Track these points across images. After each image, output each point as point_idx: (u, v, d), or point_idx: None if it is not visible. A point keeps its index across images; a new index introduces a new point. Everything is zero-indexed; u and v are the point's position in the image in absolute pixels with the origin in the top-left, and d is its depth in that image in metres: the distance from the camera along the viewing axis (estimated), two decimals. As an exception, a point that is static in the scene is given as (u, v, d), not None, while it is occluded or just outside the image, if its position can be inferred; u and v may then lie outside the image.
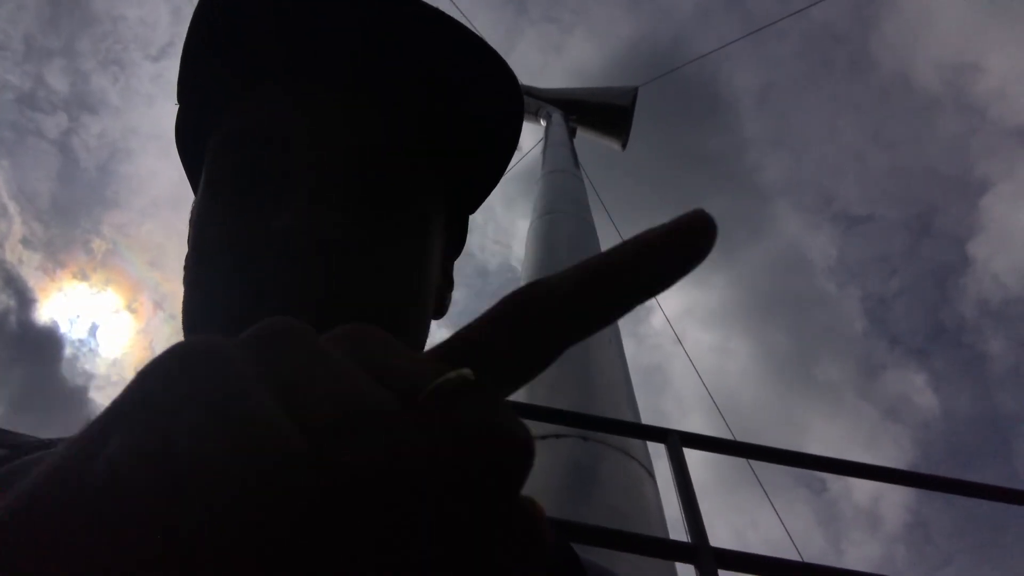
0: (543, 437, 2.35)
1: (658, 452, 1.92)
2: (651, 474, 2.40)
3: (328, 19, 0.50)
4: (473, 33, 0.51)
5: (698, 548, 1.43)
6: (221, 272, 0.46)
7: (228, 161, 0.49)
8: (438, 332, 0.55)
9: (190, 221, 0.55)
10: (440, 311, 0.59)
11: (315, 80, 0.51)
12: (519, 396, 2.77)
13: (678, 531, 1.67)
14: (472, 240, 0.67)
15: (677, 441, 1.79)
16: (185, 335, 0.47)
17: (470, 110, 0.55)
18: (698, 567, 1.39)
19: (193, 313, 0.47)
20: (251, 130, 0.49)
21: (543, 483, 2.19)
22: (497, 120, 0.56)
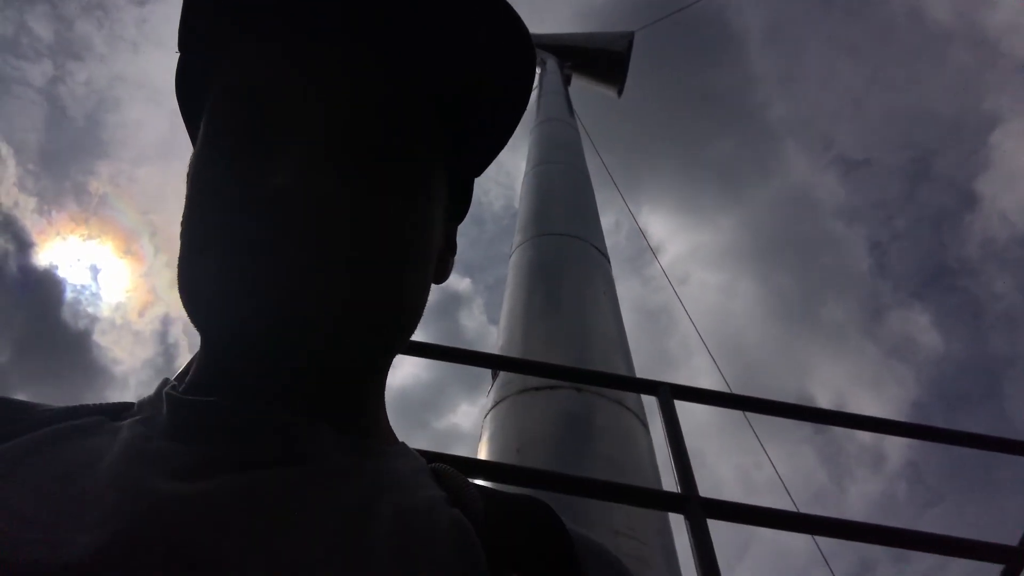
0: (538, 388, 2.38)
1: (654, 402, 1.95)
2: (644, 424, 2.44)
3: None
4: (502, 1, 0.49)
5: (687, 498, 1.47)
6: (216, 230, 0.45)
7: (227, 115, 0.48)
8: (438, 294, 0.55)
9: (187, 176, 0.55)
10: (442, 275, 0.59)
11: (318, 33, 0.50)
12: (514, 350, 2.80)
13: (671, 480, 1.71)
14: (477, 183, 0.65)
15: (668, 393, 1.82)
16: (180, 291, 0.47)
17: (478, 67, 0.53)
18: (687, 516, 1.42)
19: (187, 270, 0.47)
20: (251, 84, 0.48)
21: (539, 432, 2.23)
22: (506, 79, 0.54)
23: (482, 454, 2.31)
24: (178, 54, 0.54)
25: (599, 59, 9.70)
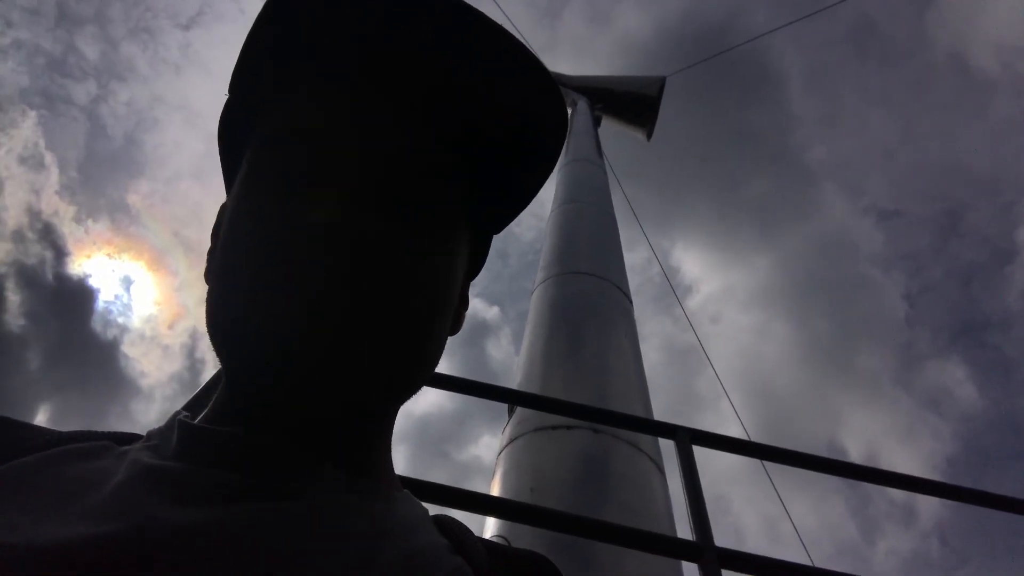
0: (554, 427, 2.36)
1: (671, 446, 1.92)
2: (660, 469, 2.40)
3: (383, 26, 0.50)
4: (527, 50, 0.51)
5: (702, 548, 1.43)
6: (253, 264, 0.46)
7: (272, 157, 0.49)
8: (452, 346, 0.55)
9: (221, 216, 0.56)
10: (455, 327, 0.59)
11: (366, 85, 0.51)
12: (533, 386, 2.78)
13: (687, 527, 1.67)
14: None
15: (686, 438, 1.79)
16: (209, 330, 0.48)
17: (512, 127, 0.55)
18: (701, 566, 1.39)
19: (219, 306, 0.47)
20: (299, 129, 0.49)
21: (553, 472, 2.20)
22: (538, 143, 0.56)
23: (495, 492, 2.28)
24: (227, 95, 0.56)
25: (630, 102, 9.78)
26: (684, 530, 1.75)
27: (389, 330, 0.45)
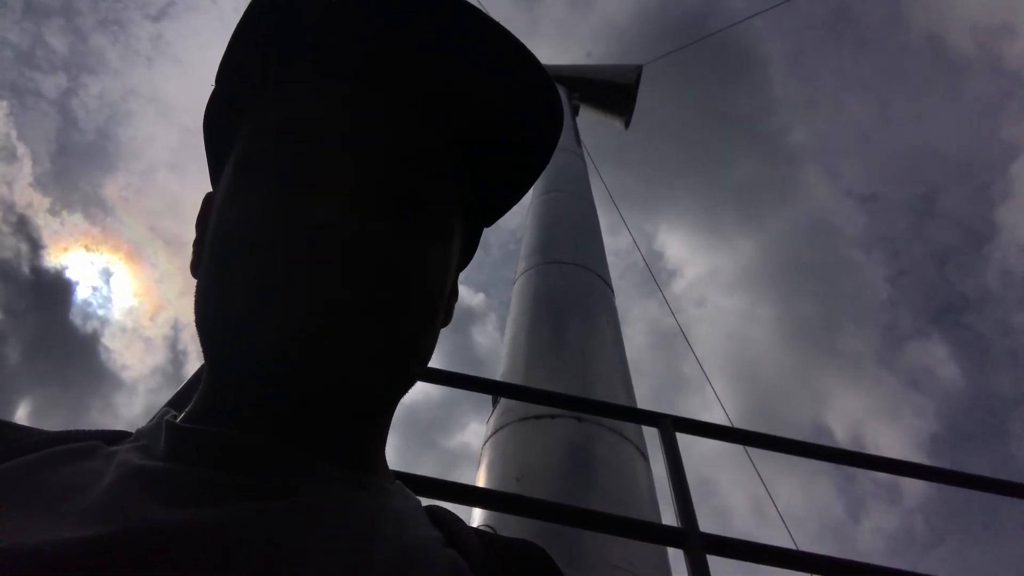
0: (538, 417, 2.36)
1: (655, 434, 1.93)
2: (645, 456, 2.42)
3: (382, 23, 0.50)
4: (525, 48, 0.51)
5: (687, 533, 1.44)
6: (251, 262, 0.45)
7: (268, 152, 0.49)
8: (440, 334, 0.55)
9: (207, 206, 0.55)
10: (446, 319, 0.59)
11: (365, 82, 0.51)
12: (516, 377, 2.79)
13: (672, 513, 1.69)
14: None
15: (669, 425, 1.80)
16: (199, 328, 0.47)
17: (510, 122, 0.55)
18: (687, 552, 1.40)
19: (213, 302, 0.47)
20: (297, 124, 0.49)
21: (539, 462, 2.21)
22: (533, 139, 0.56)
23: (480, 482, 2.29)
24: (214, 86, 0.55)
25: (608, 91, 9.79)
26: (669, 516, 1.77)
27: (388, 328, 0.45)
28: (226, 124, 0.55)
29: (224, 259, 0.47)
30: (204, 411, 0.48)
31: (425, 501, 0.54)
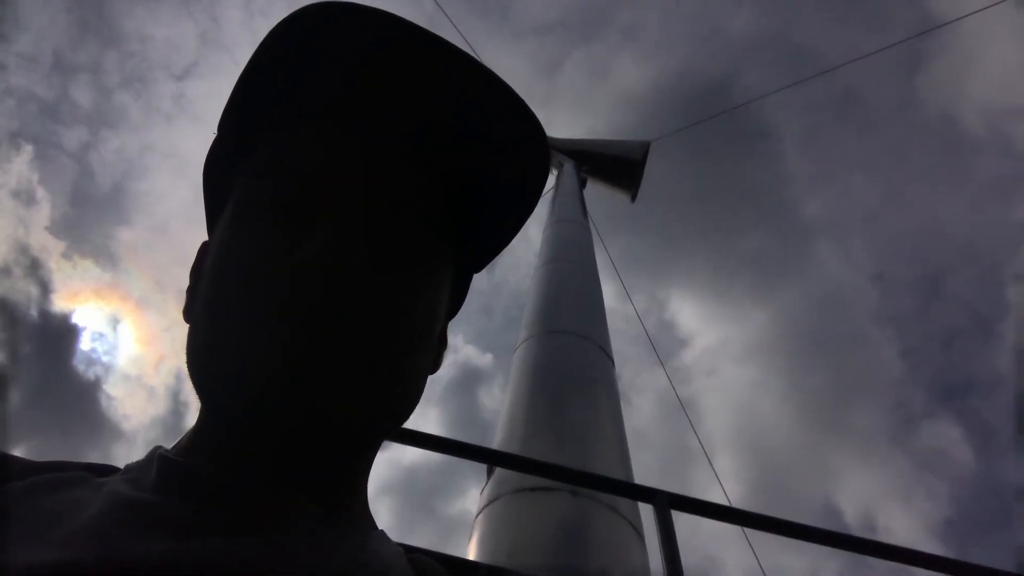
0: (533, 489, 2.33)
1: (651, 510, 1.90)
2: (639, 533, 2.37)
3: (372, 69, 0.52)
4: (511, 89, 0.52)
5: (679, 616, 1.41)
6: (241, 299, 0.46)
7: (260, 196, 0.50)
8: (456, 370, 0.55)
9: (203, 255, 0.56)
10: (434, 367, 0.59)
11: (353, 127, 0.53)
12: (513, 447, 2.76)
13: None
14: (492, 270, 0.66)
15: (664, 502, 1.77)
16: (190, 366, 0.48)
17: (499, 166, 0.56)
18: (678, 636, 1.36)
19: (202, 340, 0.48)
20: (287, 168, 0.51)
21: (531, 538, 2.17)
22: (522, 179, 0.57)
23: (472, 554, 2.24)
24: (215, 134, 0.57)
25: (615, 165, 9.97)
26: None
27: (370, 367, 0.46)
28: (223, 174, 0.57)
29: (215, 299, 0.48)
30: (197, 446, 0.48)
31: None
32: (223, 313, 0.47)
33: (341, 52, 0.52)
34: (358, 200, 0.50)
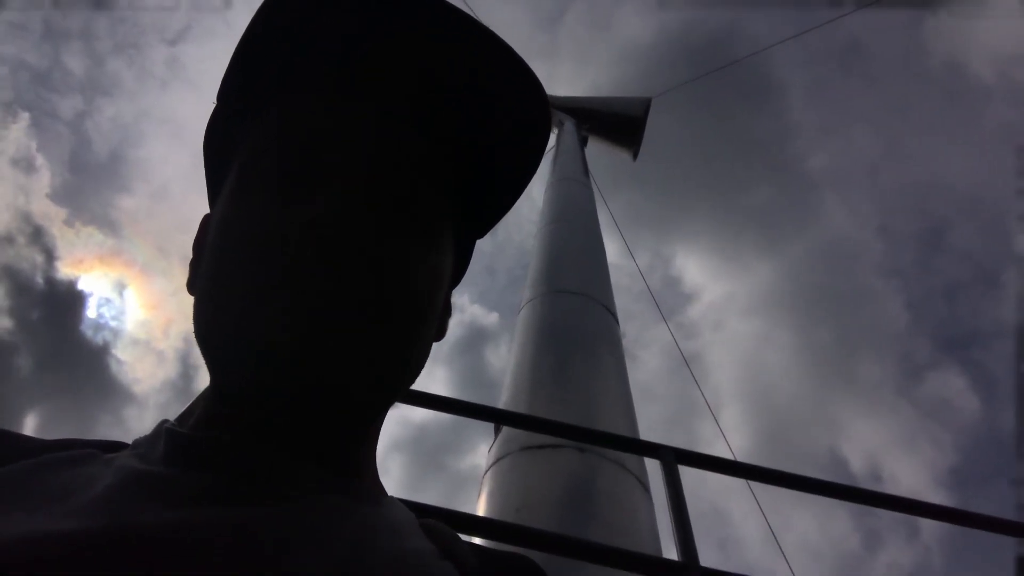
0: (540, 447, 2.35)
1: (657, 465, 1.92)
2: (646, 487, 2.40)
3: (371, 32, 0.52)
4: (511, 49, 0.52)
5: (687, 567, 1.43)
6: (242, 267, 0.46)
7: (264, 164, 0.50)
8: (464, 329, 0.55)
9: (205, 226, 0.56)
10: (440, 334, 0.59)
11: (354, 91, 0.52)
12: (519, 406, 2.78)
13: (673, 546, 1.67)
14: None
15: (671, 457, 1.79)
16: (198, 337, 0.48)
17: (499, 130, 0.56)
18: (686, 586, 1.39)
19: (209, 310, 0.48)
20: (294, 133, 0.50)
21: (539, 493, 2.20)
22: (521, 150, 0.57)
23: (481, 511, 2.28)
24: (215, 104, 0.57)
25: (616, 123, 9.87)
26: (670, 549, 1.75)
27: (378, 331, 0.46)
28: (224, 144, 0.56)
29: (217, 268, 0.48)
30: (204, 418, 0.48)
31: None
32: (226, 283, 0.47)
33: (341, 17, 0.51)
34: (362, 165, 0.49)
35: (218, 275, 0.48)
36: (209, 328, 0.47)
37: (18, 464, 0.43)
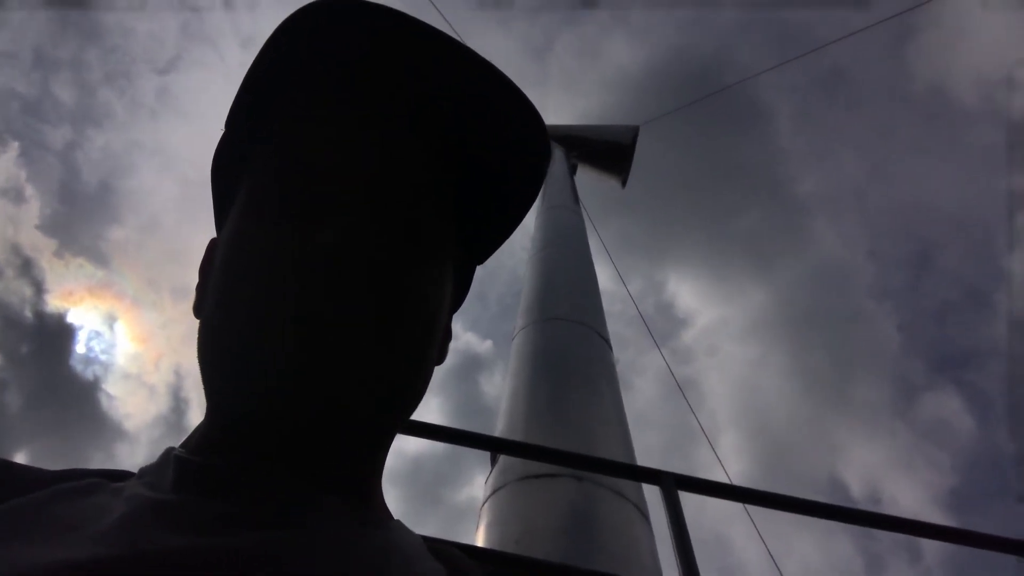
0: (538, 476, 2.33)
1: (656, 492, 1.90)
2: (645, 516, 2.38)
3: (384, 63, 0.53)
4: (509, 80, 0.53)
5: (691, 595, 1.42)
6: (248, 294, 0.46)
7: (274, 188, 0.50)
8: (458, 357, 0.55)
9: (212, 251, 0.56)
10: (440, 358, 0.60)
11: (366, 120, 0.53)
12: (515, 435, 2.76)
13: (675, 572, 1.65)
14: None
15: (671, 483, 1.78)
16: (201, 361, 0.48)
17: (501, 159, 0.57)
18: (690, 614, 1.37)
19: (213, 336, 0.48)
20: (301, 161, 0.51)
21: (538, 524, 2.17)
22: (522, 177, 0.58)
23: (479, 543, 2.25)
24: (223, 131, 0.57)
25: (605, 151, 9.96)
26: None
27: (385, 353, 0.46)
28: (232, 170, 0.57)
29: (224, 294, 0.48)
30: (208, 445, 0.48)
31: None
32: (232, 309, 0.47)
33: (348, 45, 0.52)
34: (368, 193, 0.50)
35: (225, 299, 0.48)
36: (216, 350, 0.47)
37: (31, 495, 0.42)
